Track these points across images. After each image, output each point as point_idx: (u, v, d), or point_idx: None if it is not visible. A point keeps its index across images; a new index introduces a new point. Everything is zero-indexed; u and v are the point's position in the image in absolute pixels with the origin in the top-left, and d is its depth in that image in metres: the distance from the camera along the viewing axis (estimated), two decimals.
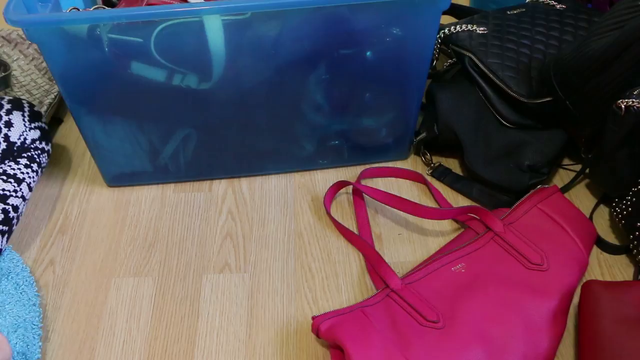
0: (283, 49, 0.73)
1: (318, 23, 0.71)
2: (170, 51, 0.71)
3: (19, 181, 0.78)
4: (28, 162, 0.81)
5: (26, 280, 0.76)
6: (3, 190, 0.76)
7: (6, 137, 0.78)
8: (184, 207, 0.87)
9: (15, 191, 0.77)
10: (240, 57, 0.73)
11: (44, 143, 0.83)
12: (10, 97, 0.82)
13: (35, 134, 0.82)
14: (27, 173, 0.80)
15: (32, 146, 0.82)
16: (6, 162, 0.79)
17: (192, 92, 0.77)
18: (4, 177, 0.77)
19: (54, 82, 1.00)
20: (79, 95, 0.76)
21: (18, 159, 0.80)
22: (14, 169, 0.79)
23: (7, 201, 0.76)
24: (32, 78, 1.03)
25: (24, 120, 0.81)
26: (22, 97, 0.99)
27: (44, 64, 1.04)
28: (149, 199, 0.88)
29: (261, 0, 0.67)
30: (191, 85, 0.75)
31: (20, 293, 0.74)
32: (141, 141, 0.83)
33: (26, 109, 0.82)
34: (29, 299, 0.73)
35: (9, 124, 0.79)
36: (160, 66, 0.73)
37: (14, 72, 1.02)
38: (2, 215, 0.75)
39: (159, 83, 0.74)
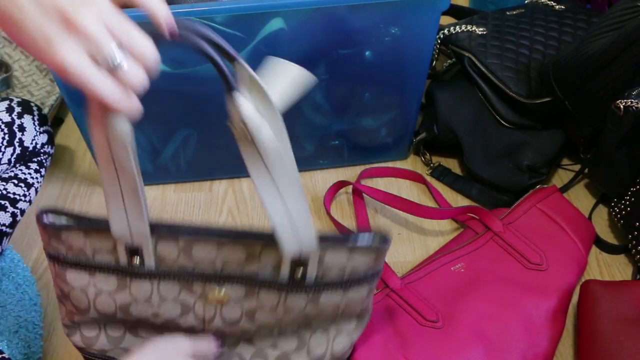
0: (282, 49, 0.73)
1: (317, 23, 0.71)
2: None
3: (29, 186, 0.79)
4: (38, 167, 0.80)
5: (27, 280, 0.76)
6: (14, 194, 0.76)
7: (20, 142, 0.77)
8: (184, 207, 0.87)
9: (25, 195, 0.78)
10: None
11: (50, 147, 0.83)
12: (19, 99, 0.80)
13: (44, 138, 0.81)
14: (37, 178, 0.80)
15: (42, 150, 0.81)
16: (17, 165, 0.79)
17: (192, 94, 0.77)
18: (15, 181, 0.77)
19: (55, 82, 1.00)
20: (80, 96, 0.76)
21: (29, 164, 0.80)
22: (24, 174, 0.79)
23: (17, 205, 0.76)
24: (33, 79, 1.03)
25: (34, 124, 0.79)
26: (23, 98, 0.99)
27: (45, 65, 1.04)
28: (150, 199, 0.88)
29: (261, 1, 0.67)
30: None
31: (22, 293, 0.74)
32: (142, 142, 0.83)
33: (35, 112, 0.81)
34: (30, 298, 0.74)
35: (22, 128, 0.77)
36: None
37: (15, 73, 1.02)
38: (11, 219, 0.75)
39: (158, 83, 0.74)
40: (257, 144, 0.45)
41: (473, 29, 0.89)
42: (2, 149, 0.76)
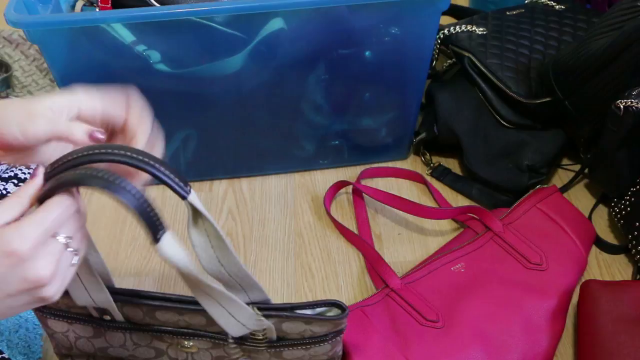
0: (282, 49, 0.73)
1: (317, 23, 0.71)
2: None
3: None
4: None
5: None
6: None
7: None
8: (184, 207, 0.87)
9: None
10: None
11: None
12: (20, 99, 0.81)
13: None
14: None
15: None
16: (17, 165, 0.79)
17: (192, 93, 0.77)
18: (15, 181, 0.77)
19: (55, 83, 1.00)
20: None
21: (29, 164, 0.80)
22: (25, 174, 0.78)
23: None
24: (33, 79, 1.03)
25: None
26: (23, 98, 0.99)
27: (45, 65, 1.04)
28: (150, 199, 0.88)
29: (261, 1, 0.67)
30: (151, 59, 0.73)
31: None
32: None
33: None
34: None
35: None
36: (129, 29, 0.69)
37: (15, 73, 1.02)
38: None
39: (159, 83, 0.74)
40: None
41: (473, 29, 0.89)
42: None
